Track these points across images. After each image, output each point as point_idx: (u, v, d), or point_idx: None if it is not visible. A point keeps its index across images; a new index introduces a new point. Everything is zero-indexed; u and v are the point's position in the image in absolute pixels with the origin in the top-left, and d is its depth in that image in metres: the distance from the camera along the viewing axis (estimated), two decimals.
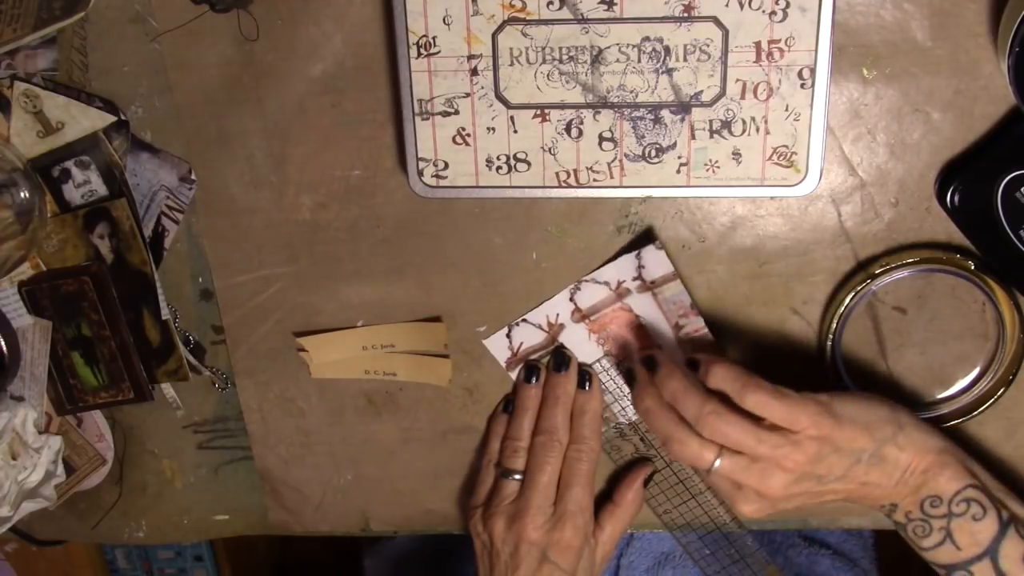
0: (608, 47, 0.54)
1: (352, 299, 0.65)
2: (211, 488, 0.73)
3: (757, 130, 0.54)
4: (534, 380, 0.64)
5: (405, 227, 0.62)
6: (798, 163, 0.55)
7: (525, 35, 0.54)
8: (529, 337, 0.64)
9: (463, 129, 0.56)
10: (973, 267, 0.57)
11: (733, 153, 0.55)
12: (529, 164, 0.57)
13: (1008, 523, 0.53)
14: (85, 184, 0.63)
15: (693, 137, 0.55)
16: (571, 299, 0.63)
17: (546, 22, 0.53)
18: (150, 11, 0.59)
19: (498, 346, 0.65)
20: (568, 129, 0.56)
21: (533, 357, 0.65)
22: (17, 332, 0.66)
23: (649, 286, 0.61)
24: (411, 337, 0.65)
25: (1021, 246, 0.55)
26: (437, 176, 0.58)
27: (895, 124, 0.56)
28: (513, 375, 0.66)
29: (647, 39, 0.53)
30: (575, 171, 0.57)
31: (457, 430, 0.68)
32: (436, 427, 0.68)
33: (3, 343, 0.65)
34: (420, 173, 0.58)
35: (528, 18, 0.53)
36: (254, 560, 1.53)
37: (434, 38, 0.54)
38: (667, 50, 0.53)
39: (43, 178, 0.63)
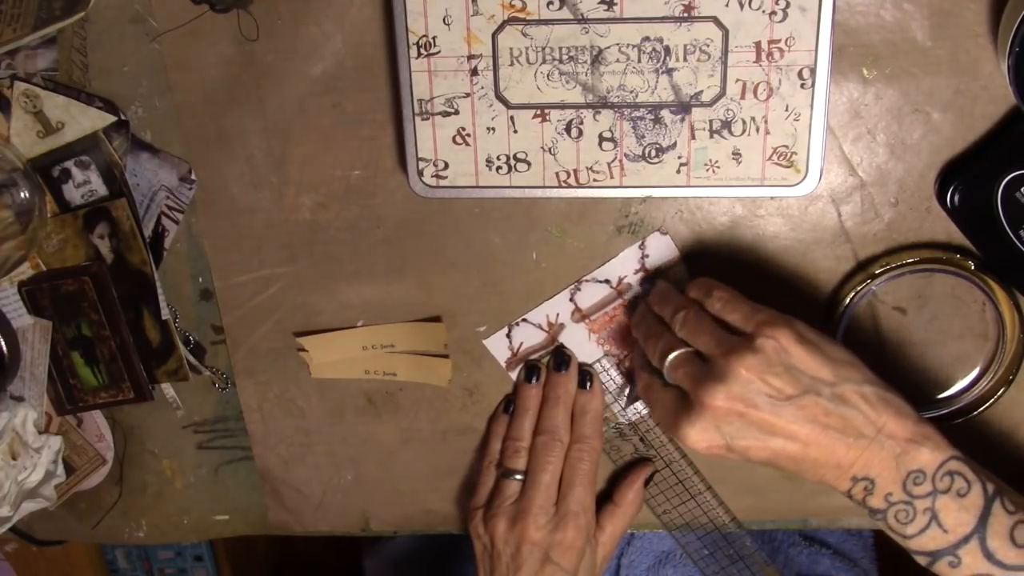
0: (608, 47, 0.54)
1: (352, 299, 0.65)
2: (211, 488, 0.73)
3: (757, 130, 0.54)
4: (534, 380, 0.64)
5: (405, 227, 0.62)
6: (798, 163, 0.55)
7: (525, 35, 0.54)
8: (529, 337, 0.65)
9: (463, 129, 0.56)
10: (973, 267, 0.57)
11: (733, 153, 0.55)
12: (529, 164, 0.57)
13: (993, 497, 0.49)
14: (85, 184, 0.63)
15: (693, 137, 0.55)
16: (571, 299, 0.63)
17: (546, 22, 0.53)
18: (150, 11, 0.59)
19: (498, 346, 0.65)
20: (568, 129, 0.56)
21: (533, 357, 0.65)
22: (17, 332, 0.66)
23: (652, 275, 0.61)
24: (411, 337, 0.65)
25: (1021, 246, 0.55)
26: (437, 176, 0.58)
27: (895, 124, 0.56)
28: (513, 375, 0.66)
29: (647, 39, 0.53)
30: (575, 171, 0.57)
31: (457, 430, 0.68)
32: (436, 427, 0.68)
33: (3, 343, 0.65)
34: (420, 173, 0.58)
35: (528, 18, 0.53)
36: (254, 560, 1.53)
37: (434, 38, 0.54)
38: (667, 50, 0.53)
39: (43, 178, 0.63)
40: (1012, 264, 0.56)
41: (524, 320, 0.64)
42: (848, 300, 0.59)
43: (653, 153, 0.56)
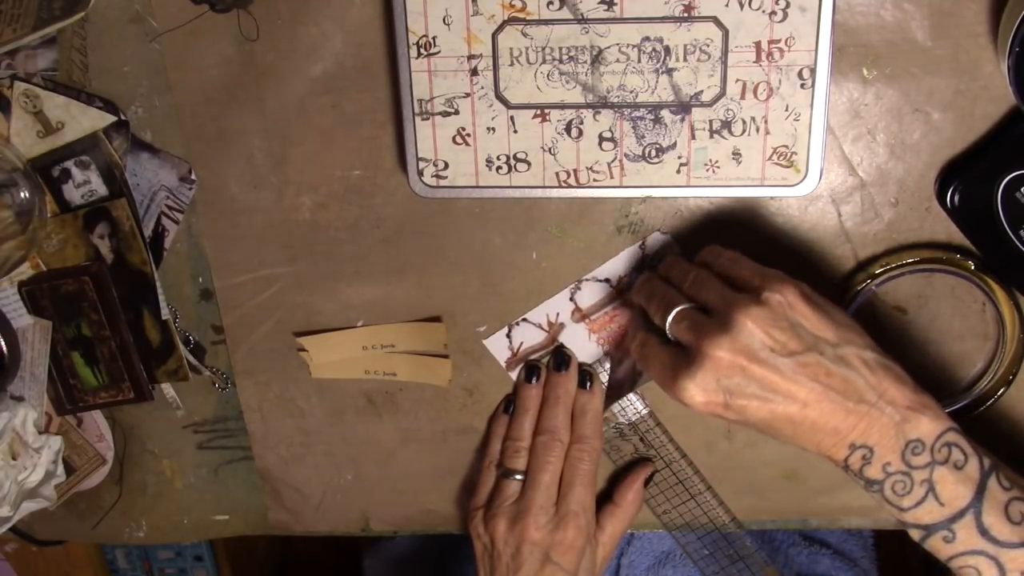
0: (608, 47, 0.54)
1: (352, 299, 0.65)
2: (211, 488, 0.73)
3: (757, 130, 0.54)
4: (534, 380, 0.64)
5: (405, 227, 0.62)
6: (798, 163, 0.55)
7: (525, 35, 0.54)
8: (529, 337, 0.65)
9: (463, 129, 0.56)
10: (973, 267, 0.57)
11: (733, 153, 0.55)
12: (529, 164, 0.57)
13: (989, 471, 0.49)
14: (85, 184, 0.63)
15: (693, 137, 0.55)
16: (571, 299, 0.63)
17: (546, 22, 0.53)
18: (150, 11, 0.59)
19: (498, 346, 0.65)
20: (568, 129, 0.56)
21: (533, 357, 0.65)
22: (17, 332, 0.66)
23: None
24: (411, 337, 0.65)
25: (1021, 246, 0.55)
26: (437, 176, 0.58)
27: (895, 124, 0.56)
28: (513, 375, 0.66)
29: (647, 39, 0.53)
30: (575, 171, 0.57)
31: (457, 430, 0.68)
32: (436, 427, 0.68)
33: (3, 343, 0.65)
34: (420, 173, 0.58)
35: (528, 18, 0.53)
36: (254, 560, 1.53)
37: (434, 38, 0.54)
38: (667, 50, 0.53)
39: (43, 178, 0.63)
40: (1012, 264, 0.56)
41: (524, 320, 0.64)
42: (848, 300, 0.59)
43: (653, 153, 0.56)
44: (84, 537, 0.77)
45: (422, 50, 0.55)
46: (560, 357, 0.64)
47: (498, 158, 0.57)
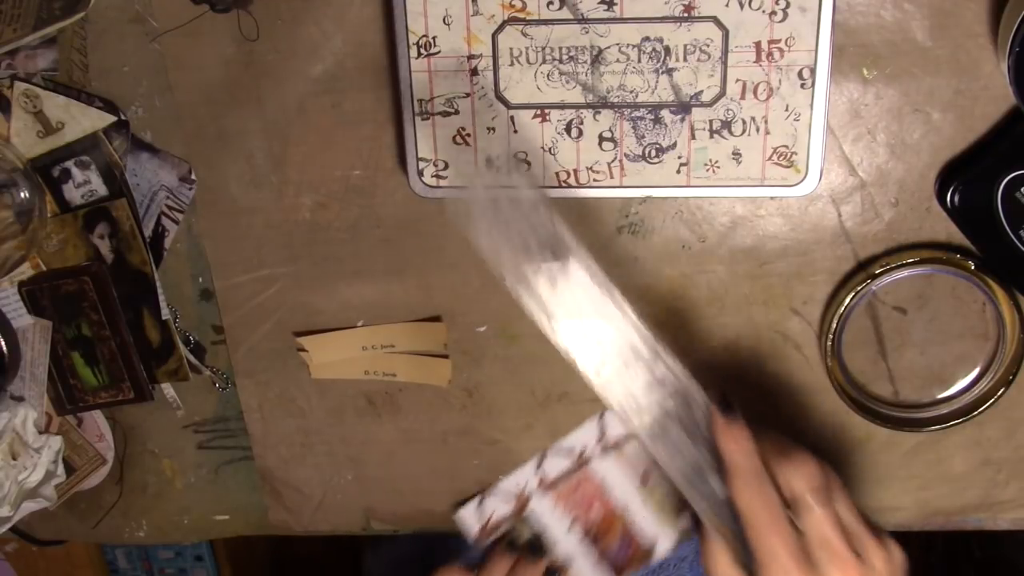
0: (608, 47, 0.54)
1: (352, 299, 0.65)
2: (211, 488, 0.73)
3: (757, 130, 0.54)
4: (507, 552, 0.67)
5: (405, 227, 0.62)
6: (798, 163, 0.55)
7: (525, 35, 0.54)
8: (499, 507, 0.67)
9: (463, 129, 0.56)
10: (973, 267, 0.57)
11: (733, 153, 0.55)
12: (529, 164, 0.57)
13: None
14: (85, 184, 0.63)
15: (693, 137, 0.55)
16: (538, 468, 0.65)
17: (546, 22, 0.53)
18: (150, 11, 0.59)
19: (469, 518, 0.67)
20: (568, 129, 0.56)
21: (502, 529, 0.67)
22: (17, 332, 0.66)
23: (613, 446, 0.64)
24: (411, 337, 0.65)
25: (1021, 246, 0.55)
26: (437, 176, 0.58)
27: (895, 124, 0.56)
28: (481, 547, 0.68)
29: (647, 39, 0.53)
30: (575, 171, 0.57)
31: (457, 431, 0.68)
32: (436, 428, 0.68)
33: (3, 343, 0.65)
34: (420, 173, 0.58)
35: (528, 18, 0.53)
36: (254, 560, 1.53)
37: (434, 38, 0.54)
38: (667, 50, 0.53)
39: (43, 178, 0.63)
40: (1012, 264, 0.56)
41: (494, 492, 0.67)
42: (848, 300, 0.59)
43: (653, 153, 0.56)
44: (84, 537, 0.77)
45: (422, 50, 0.55)
46: (535, 545, 0.66)
47: (498, 158, 0.57)
